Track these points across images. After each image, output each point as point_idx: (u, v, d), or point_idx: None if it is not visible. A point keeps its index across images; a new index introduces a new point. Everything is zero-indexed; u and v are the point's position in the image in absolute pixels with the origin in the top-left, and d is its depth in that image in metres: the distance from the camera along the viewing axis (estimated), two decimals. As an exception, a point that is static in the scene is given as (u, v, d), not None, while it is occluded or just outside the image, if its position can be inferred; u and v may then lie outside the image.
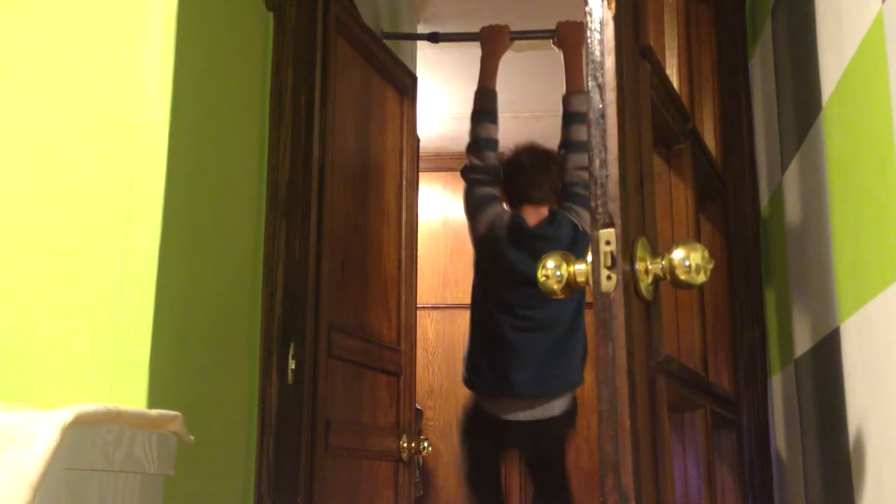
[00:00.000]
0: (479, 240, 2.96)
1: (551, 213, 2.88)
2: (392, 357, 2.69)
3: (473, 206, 2.96)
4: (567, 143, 2.95)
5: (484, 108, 3.01)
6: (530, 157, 2.99)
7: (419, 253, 3.04)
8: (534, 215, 2.89)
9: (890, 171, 1.20)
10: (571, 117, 2.96)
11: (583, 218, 2.84)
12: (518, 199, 2.94)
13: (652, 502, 1.14)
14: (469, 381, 2.95)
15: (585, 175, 2.85)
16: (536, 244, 2.81)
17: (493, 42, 3.08)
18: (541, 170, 2.94)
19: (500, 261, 2.88)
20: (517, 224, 2.87)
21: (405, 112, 2.94)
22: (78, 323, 1.57)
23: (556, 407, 2.82)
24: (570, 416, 2.88)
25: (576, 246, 2.81)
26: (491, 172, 2.96)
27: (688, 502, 1.54)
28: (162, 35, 1.67)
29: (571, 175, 2.90)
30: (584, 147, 2.88)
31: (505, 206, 2.98)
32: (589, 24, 1.20)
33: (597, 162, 1.16)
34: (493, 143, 2.99)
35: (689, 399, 1.51)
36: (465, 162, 3.00)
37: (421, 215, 3.11)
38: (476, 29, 3.14)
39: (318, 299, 2.15)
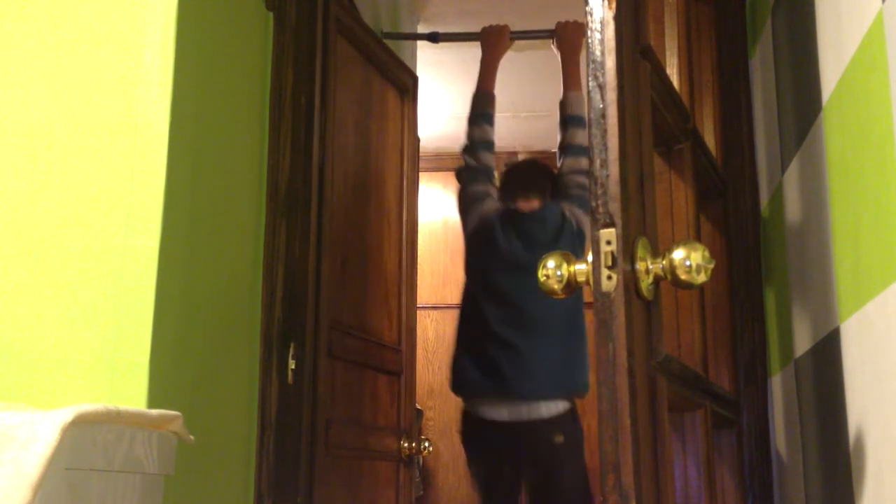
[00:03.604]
0: (470, 235, 2.94)
1: (542, 202, 2.89)
2: (392, 357, 2.69)
3: (466, 203, 2.96)
4: (565, 147, 2.96)
5: (481, 111, 3.01)
6: (524, 164, 3.08)
7: (419, 253, 3.04)
8: (526, 206, 2.88)
9: (890, 171, 1.20)
10: (569, 120, 2.97)
11: (576, 215, 2.85)
12: (512, 196, 2.92)
13: (652, 502, 1.14)
14: (454, 384, 2.87)
15: (580, 178, 2.88)
16: (527, 225, 2.82)
17: (493, 43, 3.08)
18: (534, 173, 2.98)
19: (492, 248, 2.86)
20: (509, 210, 2.88)
21: (405, 112, 2.94)
22: (78, 323, 1.57)
23: (544, 409, 2.68)
24: (559, 425, 2.69)
25: (562, 234, 2.82)
26: (486, 172, 2.97)
27: (688, 502, 1.54)
28: (162, 35, 1.67)
29: (567, 178, 2.91)
30: (581, 150, 2.90)
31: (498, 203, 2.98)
32: (589, 24, 1.20)
33: (597, 162, 1.16)
34: (489, 144, 2.99)
35: (689, 399, 1.51)
36: (460, 163, 3.00)
37: (421, 215, 3.11)
38: (476, 29, 3.14)
39: (318, 299, 2.15)
